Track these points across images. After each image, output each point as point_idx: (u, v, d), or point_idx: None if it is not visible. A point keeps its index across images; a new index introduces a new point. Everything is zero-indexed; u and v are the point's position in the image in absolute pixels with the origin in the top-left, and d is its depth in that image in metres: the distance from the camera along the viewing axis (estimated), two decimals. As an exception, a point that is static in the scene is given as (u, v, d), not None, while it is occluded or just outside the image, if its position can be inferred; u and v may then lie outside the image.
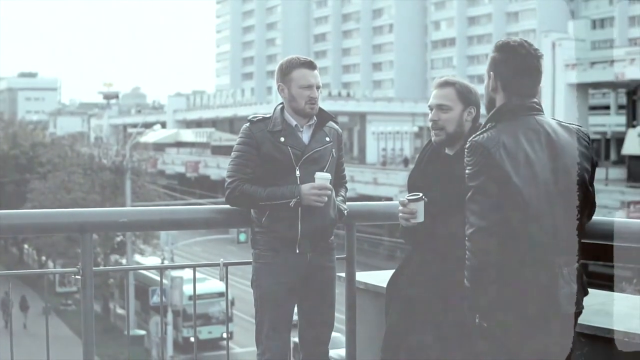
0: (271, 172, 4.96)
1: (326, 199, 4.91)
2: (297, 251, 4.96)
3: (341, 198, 5.20)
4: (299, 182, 4.92)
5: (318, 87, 5.04)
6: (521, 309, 3.81)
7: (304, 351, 5.16)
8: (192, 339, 34.35)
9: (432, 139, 4.60)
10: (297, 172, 4.94)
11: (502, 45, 4.05)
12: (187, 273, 34.66)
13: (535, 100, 4.03)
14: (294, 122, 5.03)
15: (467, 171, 3.89)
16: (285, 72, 5.03)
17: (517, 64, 3.99)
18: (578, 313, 4.03)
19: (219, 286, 32.80)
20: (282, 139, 4.97)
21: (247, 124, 5.07)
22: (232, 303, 36.87)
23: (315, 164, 4.98)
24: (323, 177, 4.91)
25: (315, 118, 5.08)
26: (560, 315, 3.89)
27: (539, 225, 3.81)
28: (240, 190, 4.96)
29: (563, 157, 3.92)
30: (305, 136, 5.04)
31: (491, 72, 4.05)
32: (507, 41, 4.06)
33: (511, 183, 3.78)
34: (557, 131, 3.97)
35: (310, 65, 5.03)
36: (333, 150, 5.10)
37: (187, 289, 35.46)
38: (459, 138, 4.54)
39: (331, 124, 5.16)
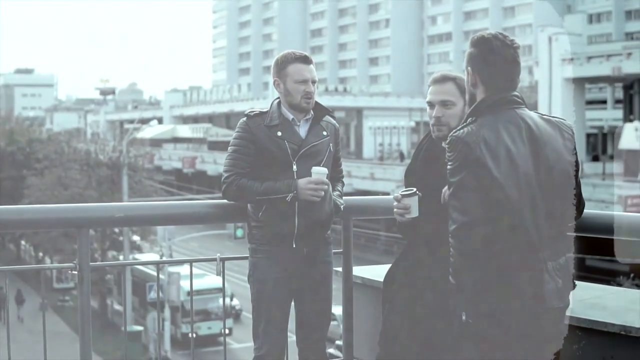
0: (268, 166, 4.95)
1: (323, 193, 4.91)
2: (294, 246, 4.96)
3: (338, 193, 5.20)
4: (295, 177, 4.92)
5: (314, 82, 5.04)
6: (506, 304, 3.79)
7: (300, 346, 5.16)
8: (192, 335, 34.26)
9: (434, 134, 4.58)
10: (294, 167, 4.94)
11: (477, 39, 4.02)
12: (186, 269, 34.58)
13: (516, 93, 3.99)
14: (290, 116, 5.03)
15: (448, 167, 3.87)
16: (281, 66, 5.03)
17: (493, 57, 3.95)
18: (566, 307, 4.02)
19: (218, 282, 32.71)
20: (279, 134, 4.96)
21: (244, 118, 5.06)
22: (231, 299, 36.73)
23: (312, 158, 4.98)
24: (320, 172, 4.90)
25: (312, 112, 5.08)
26: (545, 309, 3.87)
27: (521, 220, 3.78)
28: (237, 185, 4.95)
29: (545, 151, 3.88)
30: (303, 130, 5.04)
31: (468, 68, 4.03)
32: (481, 35, 4.02)
33: (492, 178, 3.75)
34: (539, 124, 3.94)
35: (306, 60, 5.03)
36: (330, 144, 5.09)
37: (186, 284, 35.35)
38: None
39: (328, 118, 5.15)
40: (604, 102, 78.85)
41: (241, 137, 5.02)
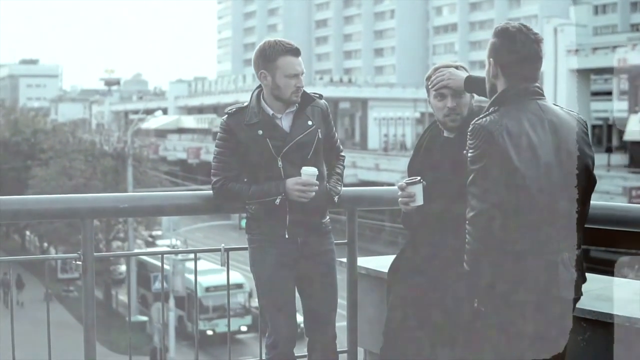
0: (253, 164, 4.89)
1: (313, 194, 4.81)
2: (287, 236, 4.91)
3: (336, 177, 5.10)
4: (282, 173, 4.84)
5: (302, 74, 4.90)
6: (520, 293, 3.81)
7: (309, 335, 5.08)
8: (209, 332, 33.89)
9: (449, 124, 4.57)
10: (279, 163, 4.85)
11: (500, 30, 4.03)
12: (202, 264, 34.16)
13: (537, 84, 4.01)
14: (270, 111, 4.90)
15: (469, 154, 3.87)
16: (269, 58, 4.84)
17: (516, 49, 3.96)
18: (576, 299, 4.04)
19: (237, 277, 32.26)
20: (260, 132, 4.84)
21: (225, 117, 4.96)
22: (250, 294, 36.21)
23: (298, 152, 4.87)
24: (309, 173, 4.79)
25: (296, 104, 4.94)
26: (559, 300, 3.89)
27: (540, 210, 3.80)
28: (226, 189, 4.92)
29: (566, 143, 3.90)
30: (286, 124, 4.91)
31: (491, 59, 4.04)
32: (505, 26, 4.03)
33: (513, 167, 3.76)
34: (560, 116, 3.96)
35: (297, 53, 4.87)
36: (319, 131, 4.94)
37: (204, 280, 34.36)
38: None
39: (315, 102, 4.99)
40: (609, 93, 78.59)
41: (223, 138, 4.94)
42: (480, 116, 3.91)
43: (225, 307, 34.21)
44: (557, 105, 4.07)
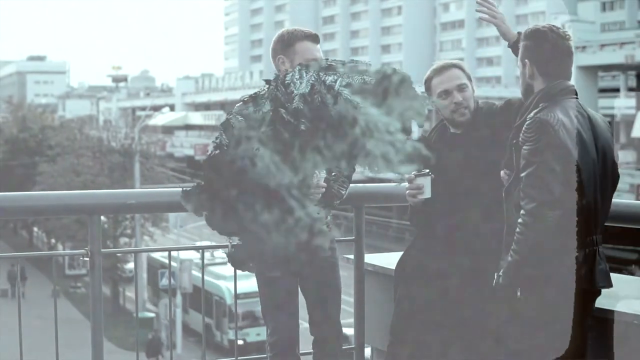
0: None
1: (319, 196, 4.68)
2: None
3: (343, 179, 5.01)
4: None
5: None
6: (560, 283, 3.91)
7: (314, 333, 5.06)
8: (240, 342, 33.11)
9: (457, 120, 4.58)
10: None
11: (531, 32, 4.15)
12: (230, 269, 33.39)
13: (573, 84, 4.13)
14: None
15: (527, 146, 3.93)
16: (288, 43, 4.77)
17: (550, 48, 4.07)
18: (598, 293, 4.15)
19: None
20: None
21: (240, 104, 4.89)
22: None
23: None
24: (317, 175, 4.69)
25: None
26: (594, 292, 4.06)
27: (589, 203, 3.92)
28: None
29: (601, 141, 4.03)
30: None
31: (526, 60, 4.12)
32: (536, 28, 4.16)
33: (572, 161, 3.86)
34: (595, 116, 4.10)
35: (315, 39, 4.83)
36: None
37: (233, 287, 33.04)
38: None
39: None
40: (617, 90, 78.43)
41: None
42: (536, 110, 3.97)
43: (255, 315, 32.90)
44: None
